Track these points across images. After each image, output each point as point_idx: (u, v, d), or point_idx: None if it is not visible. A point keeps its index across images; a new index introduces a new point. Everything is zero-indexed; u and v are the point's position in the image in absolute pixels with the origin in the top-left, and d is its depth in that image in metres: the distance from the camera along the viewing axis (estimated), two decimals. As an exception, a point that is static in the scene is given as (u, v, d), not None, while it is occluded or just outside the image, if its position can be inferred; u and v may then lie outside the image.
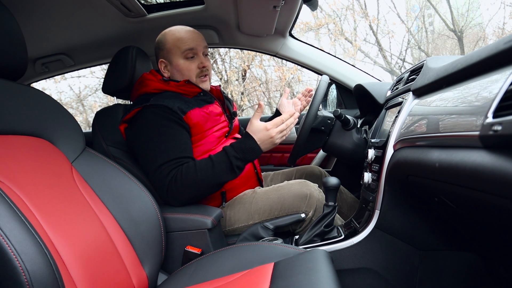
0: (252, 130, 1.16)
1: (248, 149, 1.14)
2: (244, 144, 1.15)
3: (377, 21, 8.77)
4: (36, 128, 0.91)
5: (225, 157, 1.13)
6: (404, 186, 0.91)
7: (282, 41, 1.84)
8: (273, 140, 1.15)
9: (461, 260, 0.96)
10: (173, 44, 1.30)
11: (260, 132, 1.14)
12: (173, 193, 1.12)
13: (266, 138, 1.14)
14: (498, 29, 9.26)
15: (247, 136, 1.16)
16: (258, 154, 1.16)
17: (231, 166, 1.13)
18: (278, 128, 1.15)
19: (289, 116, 1.17)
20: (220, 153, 1.16)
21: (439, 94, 0.78)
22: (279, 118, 1.16)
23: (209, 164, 1.13)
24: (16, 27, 0.88)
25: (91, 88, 7.67)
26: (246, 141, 1.15)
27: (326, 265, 0.76)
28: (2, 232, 0.61)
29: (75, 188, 0.90)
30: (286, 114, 1.17)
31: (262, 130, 1.14)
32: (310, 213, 1.19)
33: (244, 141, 1.15)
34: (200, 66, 1.31)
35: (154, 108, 1.19)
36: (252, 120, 1.17)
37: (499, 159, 0.46)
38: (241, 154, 1.14)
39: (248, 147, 1.14)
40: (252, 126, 1.16)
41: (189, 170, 1.12)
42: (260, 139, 1.15)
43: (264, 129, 1.14)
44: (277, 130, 1.15)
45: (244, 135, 1.17)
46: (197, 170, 1.11)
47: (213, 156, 1.15)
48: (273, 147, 1.18)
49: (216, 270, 0.90)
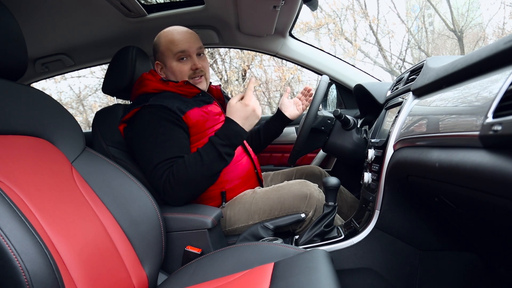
0: (232, 111, 1.15)
1: (233, 134, 1.13)
2: (227, 130, 1.13)
3: (377, 21, 8.76)
4: (36, 128, 0.91)
5: (211, 147, 1.13)
6: (404, 186, 0.91)
7: (282, 41, 1.84)
8: (256, 112, 1.14)
9: (461, 260, 0.96)
10: (166, 47, 1.30)
11: (241, 111, 1.13)
12: (169, 194, 1.12)
13: (249, 113, 1.13)
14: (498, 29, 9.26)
15: (228, 121, 1.14)
16: (244, 135, 1.15)
17: (219, 155, 1.13)
18: (254, 98, 1.14)
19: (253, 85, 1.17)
20: (206, 144, 1.15)
21: (439, 94, 0.78)
22: (248, 89, 1.15)
23: (198, 158, 1.12)
24: (16, 27, 0.88)
25: (91, 88, 7.67)
26: (229, 125, 1.14)
27: (326, 265, 0.76)
28: (2, 232, 0.61)
29: (75, 188, 0.90)
30: (251, 83, 1.17)
31: (242, 107, 1.13)
32: (310, 213, 1.19)
33: (226, 126, 1.14)
34: (193, 68, 1.31)
35: (152, 108, 1.19)
36: (230, 102, 1.16)
37: (499, 159, 0.46)
38: (227, 140, 1.13)
39: (232, 131, 1.13)
40: (230, 107, 1.15)
41: (180, 168, 1.11)
42: (242, 117, 1.13)
43: (243, 106, 1.13)
44: (254, 100, 1.14)
45: (225, 120, 1.16)
46: (187, 166, 1.11)
47: (200, 149, 1.14)
48: (273, 147, 1.18)
49: (216, 270, 0.90)
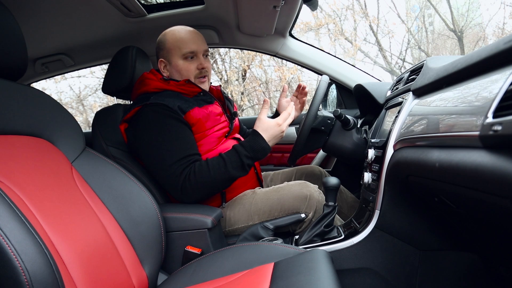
0: (263, 127, 1.17)
1: (259, 149, 1.16)
2: (255, 144, 1.16)
3: (377, 21, 8.76)
4: (36, 128, 0.91)
5: (236, 156, 1.15)
6: (404, 186, 0.91)
7: (282, 41, 1.84)
8: (283, 134, 1.20)
9: (461, 260, 0.96)
10: (173, 45, 1.30)
11: (272, 129, 1.17)
12: (187, 192, 1.13)
13: (277, 133, 1.18)
14: (498, 29, 9.25)
15: (257, 135, 1.17)
16: (267, 153, 1.18)
17: (242, 165, 1.15)
18: (286, 121, 1.19)
19: (291, 108, 1.22)
20: (231, 151, 1.17)
21: (439, 94, 0.78)
22: (285, 112, 1.20)
23: (221, 163, 1.14)
24: (16, 27, 0.88)
25: (91, 88, 7.67)
26: (257, 140, 1.16)
27: (326, 265, 0.76)
28: (2, 232, 0.61)
29: (75, 188, 0.90)
30: (290, 107, 1.22)
31: (274, 126, 1.17)
32: (310, 214, 1.19)
33: (254, 140, 1.16)
34: (200, 67, 1.31)
35: (154, 107, 1.19)
36: (261, 117, 1.19)
37: (499, 159, 0.46)
38: (252, 153, 1.16)
39: (259, 147, 1.16)
40: (262, 123, 1.18)
41: (202, 169, 1.13)
42: (271, 135, 1.17)
43: (275, 125, 1.17)
44: (286, 124, 1.19)
45: (253, 133, 1.18)
46: (210, 169, 1.13)
47: (224, 155, 1.16)
48: (273, 147, 1.19)
49: (216, 270, 0.90)
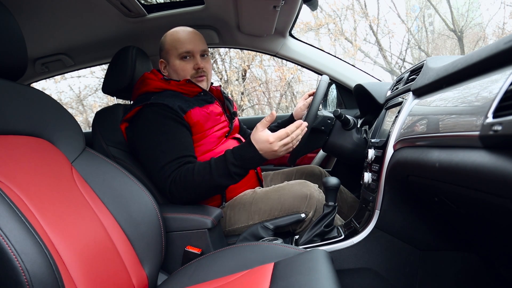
0: (255, 139, 1.08)
1: (248, 158, 1.08)
2: (245, 152, 1.09)
3: (377, 21, 8.75)
4: (36, 128, 0.91)
5: (223, 163, 1.09)
6: (404, 186, 0.91)
7: (282, 41, 1.84)
8: (276, 153, 1.07)
9: (461, 260, 0.96)
10: (171, 45, 1.32)
11: (262, 143, 1.07)
12: (174, 194, 1.13)
13: (268, 150, 1.07)
14: (498, 29, 9.25)
15: (249, 143, 1.09)
16: (260, 162, 1.10)
17: (228, 173, 1.09)
18: (282, 141, 1.06)
19: (295, 128, 1.08)
20: (220, 157, 1.12)
21: (439, 94, 0.78)
22: (283, 130, 1.07)
23: (207, 169, 1.10)
24: (16, 27, 0.88)
25: (91, 88, 7.66)
26: (248, 149, 1.09)
27: (326, 265, 0.76)
28: (2, 232, 0.61)
29: (75, 188, 0.90)
30: (292, 125, 1.08)
31: (265, 142, 1.06)
32: (310, 214, 1.19)
33: (246, 148, 1.09)
34: (196, 67, 1.32)
35: (154, 107, 1.20)
36: (258, 126, 1.09)
37: (499, 159, 0.46)
38: (240, 161, 1.09)
39: (249, 156, 1.08)
40: (255, 134, 1.09)
41: (187, 173, 1.11)
42: (262, 149, 1.07)
43: (266, 141, 1.06)
44: (280, 144, 1.06)
45: (247, 141, 1.11)
46: (194, 174, 1.10)
47: (212, 161, 1.12)
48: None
49: (216, 270, 0.90)
